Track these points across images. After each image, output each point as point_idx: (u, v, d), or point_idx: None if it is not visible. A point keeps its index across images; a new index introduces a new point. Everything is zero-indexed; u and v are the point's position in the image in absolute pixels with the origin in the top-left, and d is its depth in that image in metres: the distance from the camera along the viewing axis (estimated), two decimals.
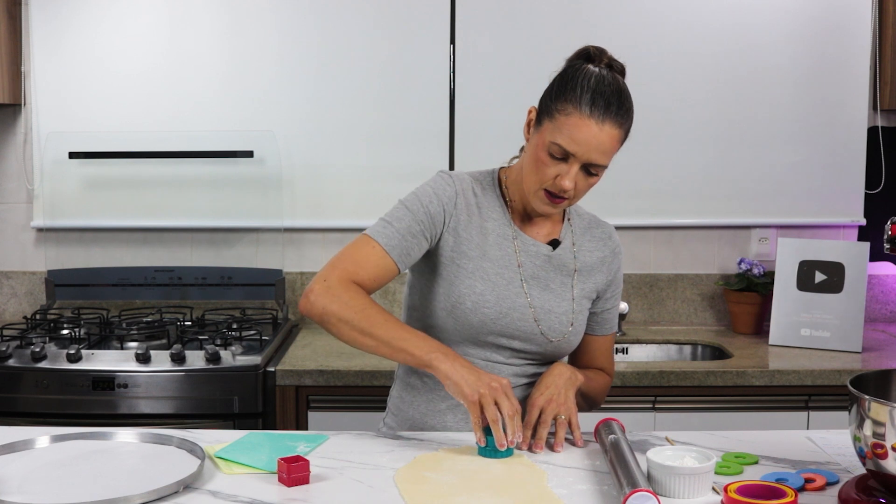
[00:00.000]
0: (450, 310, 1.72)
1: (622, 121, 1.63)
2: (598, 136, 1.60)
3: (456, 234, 1.73)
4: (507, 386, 1.56)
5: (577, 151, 1.60)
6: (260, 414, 2.46)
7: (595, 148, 1.60)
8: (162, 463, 1.53)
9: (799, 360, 2.59)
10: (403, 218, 1.69)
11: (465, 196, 1.74)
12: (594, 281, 1.81)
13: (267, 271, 3.00)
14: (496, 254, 1.74)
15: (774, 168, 3.02)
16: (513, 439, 1.53)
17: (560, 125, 1.61)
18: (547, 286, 1.76)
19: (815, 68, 3.00)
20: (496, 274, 1.73)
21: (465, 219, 1.73)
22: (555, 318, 1.75)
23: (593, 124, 1.59)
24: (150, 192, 3.02)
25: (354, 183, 3.00)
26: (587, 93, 1.60)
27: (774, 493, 1.32)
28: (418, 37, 2.98)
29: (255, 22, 2.98)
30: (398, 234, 1.68)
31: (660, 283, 3.08)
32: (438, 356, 1.58)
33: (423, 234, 1.70)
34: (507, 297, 1.72)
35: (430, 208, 1.70)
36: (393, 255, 1.67)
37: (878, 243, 2.87)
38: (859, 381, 1.37)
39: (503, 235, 1.76)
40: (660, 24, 2.98)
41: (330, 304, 1.62)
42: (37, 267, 3.09)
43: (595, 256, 1.82)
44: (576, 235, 1.82)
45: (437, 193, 1.72)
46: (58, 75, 2.99)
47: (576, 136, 1.60)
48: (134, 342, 2.60)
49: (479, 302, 1.70)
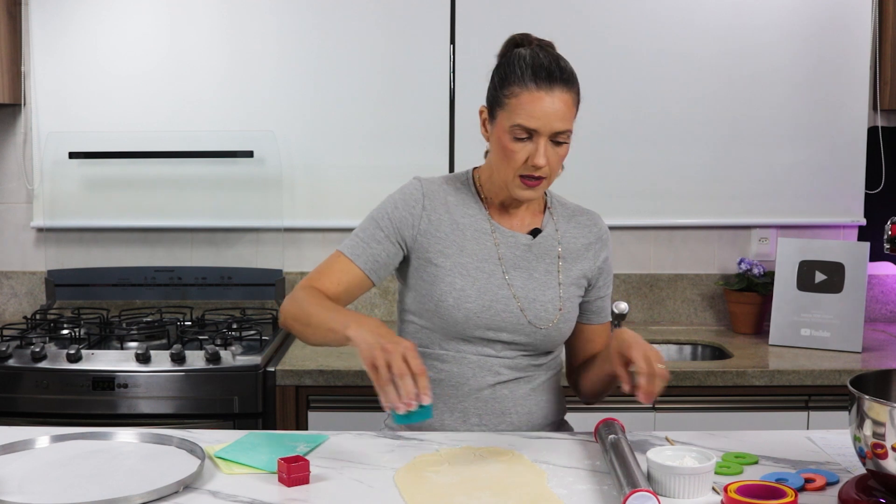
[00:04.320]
0: (434, 309, 1.74)
1: (569, 84, 1.68)
2: (552, 105, 1.65)
3: (429, 236, 1.76)
4: (409, 348, 1.48)
5: (539, 125, 1.65)
6: (260, 414, 2.46)
7: (553, 116, 1.66)
8: (162, 463, 1.53)
9: (799, 360, 2.59)
10: (367, 227, 1.77)
11: (435, 197, 1.78)
12: (581, 267, 1.82)
13: (267, 271, 3.00)
14: (474, 248, 1.76)
15: (774, 168, 3.02)
16: (409, 401, 1.44)
17: (514, 108, 1.66)
18: (531, 275, 1.77)
19: (815, 68, 3.00)
20: (476, 268, 1.75)
21: (437, 218, 1.77)
22: (541, 307, 1.76)
23: (544, 95, 1.65)
24: (150, 192, 3.02)
25: (354, 183, 3.00)
26: (527, 70, 1.66)
27: (774, 493, 1.32)
28: (418, 37, 2.98)
29: (255, 22, 2.98)
30: (363, 242, 1.76)
31: (660, 283, 3.08)
32: (351, 325, 1.56)
33: (389, 239, 1.76)
34: (488, 290, 1.74)
35: (393, 214, 1.77)
36: (358, 263, 1.74)
37: (878, 243, 2.87)
38: (859, 381, 1.37)
39: (480, 230, 1.78)
40: (660, 24, 2.98)
41: (287, 307, 1.72)
42: (37, 267, 3.09)
43: (580, 242, 1.83)
44: (558, 223, 1.83)
45: (404, 198, 1.78)
46: (58, 75, 2.99)
47: (532, 112, 1.65)
48: (134, 342, 2.60)
49: (460, 298, 1.73)
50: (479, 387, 1.76)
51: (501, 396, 1.77)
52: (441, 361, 1.77)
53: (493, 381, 1.77)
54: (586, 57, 2.96)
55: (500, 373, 1.77)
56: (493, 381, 1.76)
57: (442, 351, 1.77)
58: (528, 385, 1.79)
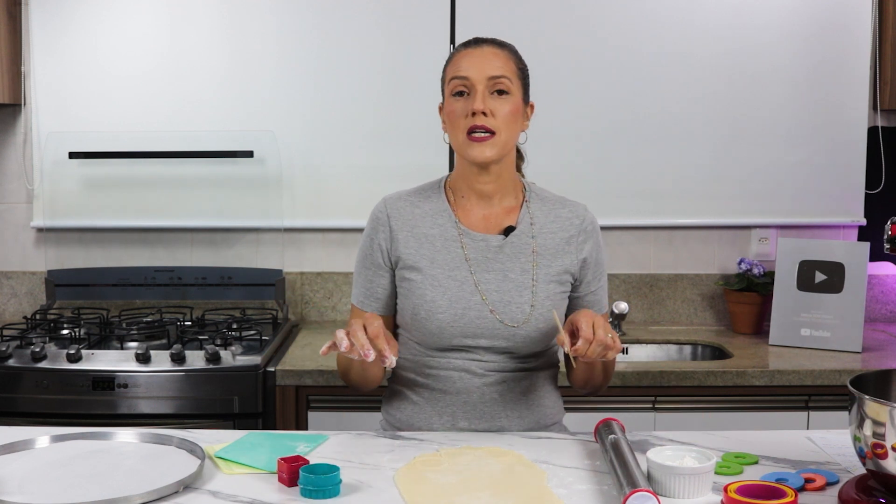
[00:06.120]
0: (411, 323, 1.77)
1: (501, 46, 1.78)
2: (482, 55, 1.74)
3: (400, 253, 1.79)
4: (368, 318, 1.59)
5: (471, 73, 1.72)
6: (260, 414, 2.46)
7: (484, 62, 1.73)
8: (162, 463, 1.53)
9: (799, 360, 2.59)
10: (358, 268, 1.85)
11: (400, 215, 1.81)
12: (561, 262, 1.79)
13: (267, 271, 3.00)
14: (445, 258, 1.77)
15: (774, 168, 3.02)
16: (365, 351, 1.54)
17: (448, 73, 1.77)
18: (506, 276, 1.77)
19: (815, 68, 2.99)
20: (447, 278, 1.75)
21: (405, 236, 1.79)
22: (516, 308, 1.75)
23: (471, 50, 1.76)
24: (150, 192, 3.02)
25: (354, 183, 3.00)
26: (459, 45, 1.80)
27: (774, 493, 1.32)
28: (418, 37, 2.98)
29: (255, 22, 2.98)
30: (361, 286, 1.84)
31: (660, 283, 3.08)
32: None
33: (377, 272, 1.82)
34: (460, 299, 1.74)
35: (368, 247, 1.83)
36: (367, 308, 1.83)
37: (878, 243, 2.87)
38: (859, 381, 1.37)
39: (449, 238, 1.78)
40: (660, 24, 2.98)
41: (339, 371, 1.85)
42: (37, 267, 3.09)
43: (559, 237, 1.81)
44: (535, 217, 1.82)
45: (372, 226, 1.83)
46: (58, 75, 2.99)
47: (462, 63, 1.74)
48: (134, 342, 2.60)
49: (432, 309, 1.74)
50: (466, 391, 1.76)
51: (490, 400, 1.77)
52: (429, 368, 1.78)
53: (480, 384, 1.76)
54: (586, 57, 2.98)
55: (486, 377, 1.76)
56: (479, 384, 1.76)
57: (429, 358, 1.78)
58: (518, 388, 1.78)
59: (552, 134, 2.95)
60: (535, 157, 2.97)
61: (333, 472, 1.42)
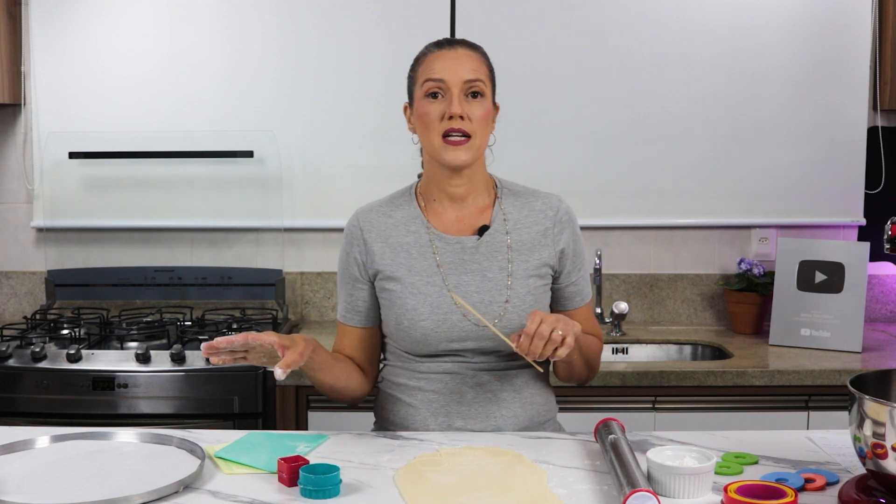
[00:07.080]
0: (396, 332, 1.77)
1: (473, 47, 1.77)
2: (455, 57, 1.73)
3: (377, 265, 1.79)
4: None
5: (446, 75, 1.71)
6: (260, 414, 2.46)
7: (458, 65, 1.72)
8: (162, 463, 1.53)
9: (799, 360, 2.59)
10: (340, 284, 1.86)
11: (373, 227, 1.81)
12: (539, 256, 1.78)
13: (267, 271, 3.00)
14: (422, 266, 1.77)
15: (774, 168, 3.02)
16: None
17: (420, 74, 1.76)
18: (484, 276, 1.76)
19: (815, 68, 2.99)
20: (426, 284, 1.75)
21: (380, 247, 1.79)
22: (497, 307, 1.74)
23: (445, 52, 1.75)
24: (150, 192, 3.02)
25: (354, 183, 3.00)
26: (429, 45, 1.79)
27: (774, 493, 1.32)
28: (418, 37, 2.93)
29: (255, 22, 2.98)
30: (344, 301, 1.85)
31: (660, 283, 3.08)
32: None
33: (356, 285, 1.82)
34: (440, 305, 1.74)
35: (345, 262, 1.83)
36: (351, 323, 1.83)
37: (878, 243, 2.87)
38: (859, 381, 1.37)
39: (423, 244, 1.78)
40: (659, 24, 2.97)
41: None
42: (37, 267, 3.09)
43: (534, 230, 1.80)
44: (508, 214, 1.80)
45: (347, 241, 1.84)
46: (58, 75, 2.99)
47: (436, 66, 1.73)
48: (134, 342, 2.60)
49: (413, 318, 1.74)
50: (459, 392, 1.76)
51: (484, 400, 1.77)
52: (420, 372, 1.78)
53: (473, 384, 1.76)
54: (586, 57, 2.98)
55: (478, 377, 1.76)
56: (472, 385, 1.76)
57: (419, 364, 1.78)
58: (511, 386, 1.78)
59: (552, 134, 2.95)
60: (535, 157, 2.99)
61: (333, 472, 1.42)
